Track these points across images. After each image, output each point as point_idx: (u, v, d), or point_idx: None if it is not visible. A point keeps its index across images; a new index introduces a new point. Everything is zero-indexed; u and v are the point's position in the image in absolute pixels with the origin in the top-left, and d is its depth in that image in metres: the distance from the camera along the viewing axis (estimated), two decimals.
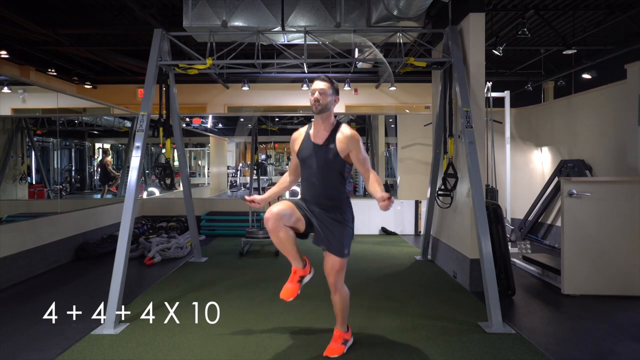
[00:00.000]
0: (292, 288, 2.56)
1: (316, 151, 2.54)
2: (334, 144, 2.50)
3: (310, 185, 2.59)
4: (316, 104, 2.49)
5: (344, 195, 2.63)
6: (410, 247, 6.07)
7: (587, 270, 3.81)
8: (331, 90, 2.53)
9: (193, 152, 13.04)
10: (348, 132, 2.51)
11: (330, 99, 2.52)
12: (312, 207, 2.59)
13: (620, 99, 4.81)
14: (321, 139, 2.54)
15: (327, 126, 2.55)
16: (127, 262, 3.37)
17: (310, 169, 2.57)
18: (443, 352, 2.72)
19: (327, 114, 2.53)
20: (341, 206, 2.60)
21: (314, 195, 2.59)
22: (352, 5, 4.41)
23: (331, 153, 2.50)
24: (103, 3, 5.67)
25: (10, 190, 6.96)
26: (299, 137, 2.66)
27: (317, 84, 2.52)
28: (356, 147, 2.49)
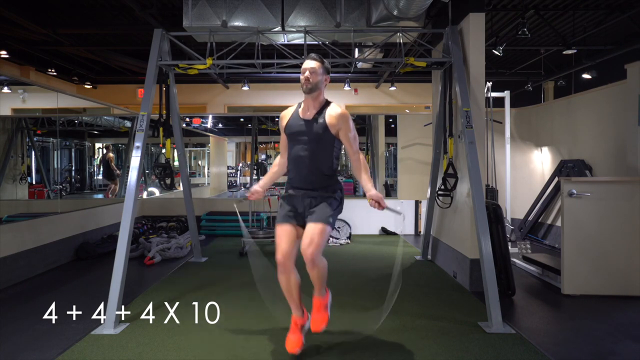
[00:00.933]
0: (296, 339, 2.57)
1: (304, 126, 2.50)
2: (323, 119, 2.48)
3: (298, 161, 2.52)
4: (306, 82, 2.46)
5: (332, 174, 2.56)
6: (410, 247, 6.07)
7: (587, 270, 3.81)
8: (322, 69, 2.50)
9: (193, 152, 13.04)
10: (338, 109, 2.50)
11: (321, 78, 2.50)
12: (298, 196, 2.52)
13: (620, 99, 4.81)
14: (310, 115, 2.52)
15: (316, 104, 2.53)
16: (127, 262, 3.37)
17: (298, 143, 2.52)
18: (443, 352, 2.72)
19: (317, 93, 2.50)
20: (330, 184, 2.54)
21: (300, 172, 2.52)
22: (352, 5, 4.41)
23: (320, 127, 2.47)
24: (103, 3, 5.67)
25: (10, 190, 6.96)
26: (287, 114, 2.63)
27: (307, 63, 2.50)
28: (346, 125, 2.47)
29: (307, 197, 2.53)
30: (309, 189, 2.52)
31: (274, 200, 6.20)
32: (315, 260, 2.42)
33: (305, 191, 2.53)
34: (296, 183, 2.56)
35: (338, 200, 2.58)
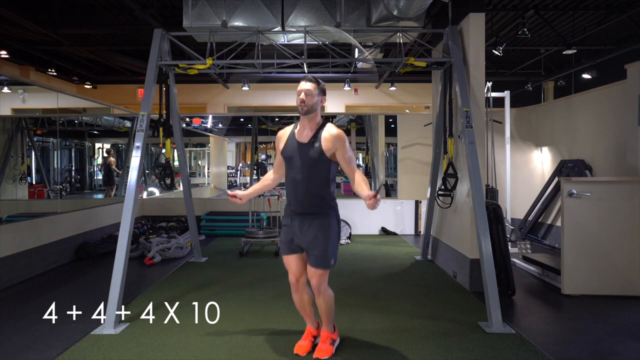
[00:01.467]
0: (306, 345, 2.73)
1: (300, 150, 2.51)
2: (319, 143, 2.48)
3: (294, 185, 2.54)
4: (302, 104, 2.47)
5: (328, 197, 2.57)
6: (410, 247, 6.07)
7: (587, 270, 3.81)
8: (317, 90, 2.51)
9: (193, 152, 13.04)
10: (334, 131, 2.50)
11: (317, 99, 2.51)
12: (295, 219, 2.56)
13: (620, 99, 4.81)
14: (306, 138, 2.52)
15: (312, 126, 2.53)
16: (127, 262, 3.37)
17: (294, 167, 2.53)
18: (443, 352, 2.72)
19: (313, 115, 2.52)
20: (325, 209, 2.55)
21: (297, 196, 2.54)
22: (352, 5, 4.41)
23: (316, 152, 2.47)
24: (103, 3, 5.67)
25: (10, 190, 6.96)
26: (283, 136, 2.64)
27: (303, 85, 2.51)
28: (342, 146, 2.48)
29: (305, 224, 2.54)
30: (305, 213, 2.54)
31: (273, 200, 6.21)
32: (321, 288, 2.59)
33: (302, 215, 2.55)
34: (294, 206, 2.58)
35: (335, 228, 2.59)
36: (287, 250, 2.63)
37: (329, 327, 2.74)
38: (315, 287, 2.59)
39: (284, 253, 2.66)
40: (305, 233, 2.52)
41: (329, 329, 2.74)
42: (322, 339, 2.72)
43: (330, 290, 2.66)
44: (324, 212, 2.54)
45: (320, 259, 2.51)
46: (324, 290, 2.60)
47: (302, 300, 2.70)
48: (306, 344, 2.73)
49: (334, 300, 2.69)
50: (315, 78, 2.55)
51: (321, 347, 2.68)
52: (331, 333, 2.75)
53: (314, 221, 2.52)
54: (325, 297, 2.61)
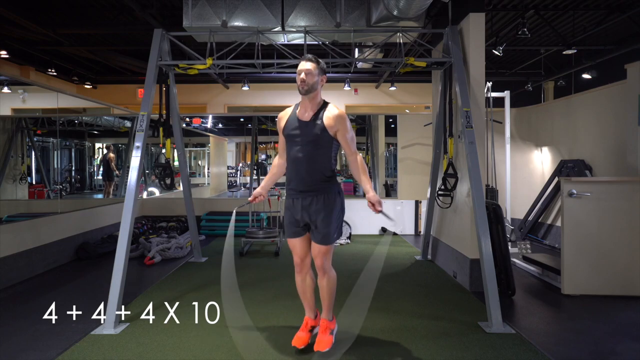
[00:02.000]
0: (304, 336, 2.72)
1: (302, 127, 2.53)
2: (321, 120, 2.51)
3: (296, 162, 2.55)
4: (302, 84, 2.49)
5: (330, 174, 2.58)
6: (410, 247, 6.07)
7: (587, 270, 3.81)
8: (317, 70, 2.52)
9: (193, 152, 13.04)
10: (335, 110, 2.53)
11: (317, 79, 2.52)
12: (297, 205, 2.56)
13: (620, 99, 4.81)
14: (308, 117, 2.54)
15: (313, 105, 2.55)
16: (127, 262, 3.37)
17: (296, 144, 2.55)
18: (443, 352, 2.72)
19: (314, 94, 2.53)
20: (328, 186, 2.56)
21: (298, 173, 2.55)
22: (352, 5, 4.41)
23: (318, 128, 2.50)
24: (103, 3, 5.67)
25: (11, 190, 6.96)
26: (285, 116, 2.66)
27: (303, 65, 2.52)
28: (343, 126, 2.51)
29: (307, 202, 2.55)
30: (308, 191, 2.55)
31: (273, 200, 6.20)
32: (326, 267, 2.61)
33: (304, 193, 2.55)
34: (295, 185, 2.58)
35: (339, 205, 2.61)
36: (291, 234, 2.65)
37: (328, 315, 2.72)
38: (319, 267, 2.60)
39: (288, 236, 2.68)
40: (308, 210, 2.54)
41: (328, 317, 2.72)
42: (322, 329, 2.70)
43: (334, 272, 2.68)
44: (326, 189, 2.56)
45: (323, 235, 2.54)
46: (328, 269, 2.62)
47: (305, 282, 2.71)
48: (304, 336, 2.72)
49: (336, 282, 2.70)
50: (315, 57, 2.56)
51: (321, 339, 2.66)
52: (330, 322, 2.73)
53: (317, 198, 2.54)
54: (329, 276, 2.64)
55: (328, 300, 2.69)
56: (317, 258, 2.59)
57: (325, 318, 2.73)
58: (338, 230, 2.63)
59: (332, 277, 2.67)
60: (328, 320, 2.74)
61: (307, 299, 2.75)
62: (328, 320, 2.74)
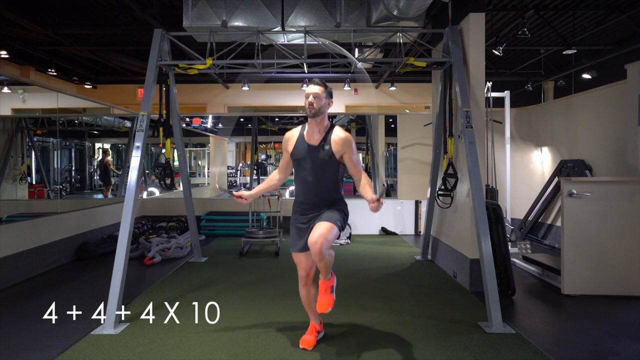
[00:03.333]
0: (310, 340, 2.78)
1: (311, 152, 2.59)
2: (329, 145, 2.57)
3: (304, 186, 2.63)
4: (310, 107, 2.55)
5: (338, 195, 2.69)
6: (410, 247, 6.07)
7: (587, 270, 3.81)
8: (325, 94, 2.59)
9: (193, 152, 13.04)
10: (342, 134, 2.59)
11: (324, 102, 2.58)
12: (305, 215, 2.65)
13: (620, 99, 4.81)
14: (316, 141, 2.60)
15: (321, 128, 2.61)
16: (127, 262, 3.37)
17: (305, 169, 2.62)
18: (443, 352, 2.72)
19: (321, 117, 2.59)
20: (335, 202, 2.66)
21: (307, 196, 2.64)
22: (352, 5, 4.41)
23: (326, 154, 2.57)
24: (103, 3, 5.66)
25: (10, 190, 6.96)
26: (292, 138, 2.70)
27: (311, 89, 2.59)
28: (350, 149, 2.58)
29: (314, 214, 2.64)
30: (314, 210, 2.64)
31: (273, 200, 6.21)
32: (324, 252, 2.44)
33: (311, 214, 2.64)
34: (303, 203, 2.67)
35: (343, 212, 2.68)
36: (297, 248, 2.70)
37: (326, 277, 2.59)
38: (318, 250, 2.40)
39: (294, 250, 2.72)
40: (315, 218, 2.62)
41: (326, 277, 2.59)
42: (322, 290, 2.57)
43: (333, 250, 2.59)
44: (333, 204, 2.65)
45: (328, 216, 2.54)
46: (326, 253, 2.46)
47: (309, 295, 2.76)
48: (311, 339, 2.79)
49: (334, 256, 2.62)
50: (322, 81, 2.62)
51: (322, 300, 2.55)
52: (329, 281, 2.61)
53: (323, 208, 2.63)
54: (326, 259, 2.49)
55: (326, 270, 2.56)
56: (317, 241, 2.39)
57: (323, 279, 2.59)
58: (341, 221, 2.58)
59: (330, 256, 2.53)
60: (327, 280, 2.59)
61: (311, 309, 2.81)
62: (327, 280, 2.59)
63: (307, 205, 2.66)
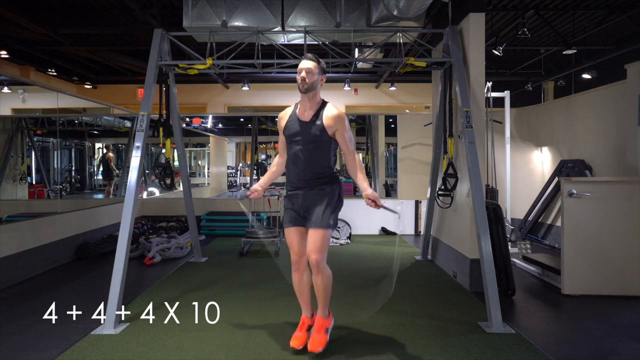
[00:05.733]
0: (301, 336, 2.70)
1: (303, 127, 2.58)
2: (321, 120, 2.56)
3: (296, 161, 2.61)
4: (303, 83, 2.54)
5: (330, 171, 2.65)
6: (411, 247, 6.07)
7: (587, 270, 3.81)
8: (317, 69, 2.58)
9: (193, 152, 13.04)
10: (335, 110, 2.59)
11: (317, 77, 2.57)
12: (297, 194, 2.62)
13: (620, 99, 4.81)
14: (308, 117, 2.60)
15: (313, 104, 2.60)
16: (127, 262, 3.37)
17: (296, 144, 2.60)
18: (443, 352, 2.72)
19: (313, 93, 2.58)
20: (327, 182, 2.62)
21: (298, 172, 2.61)
22: (352, 5, 4.41)
23: (318, 128, 2.55)
24: (103, 3, 5.67)
25: (10, 190, 6.96)
26: (285, 115, 2.70)
27: (304, 64, 2.57)
28: (342, 126, 2.57)
29: (306, 196, 2.61)
30: (307, 187, 2.61)
31: (273, 200, 6.21)
32: (320, 265, 2.56)
33: (304, 190, 2.61)
34: (295, 182, 2.64)
35: (336, 195, 2.65)
36: (289, 222, 2.66)
37: (324, 312, 2.70)
38: (314, 264, 2.56)
39: (286, 226, 2.69)
40: (306, 200, 2.60)
41: (323, 314, 2.70)
42: (316, 327, 2.67)
43: (329, 270, 2.67)
44: (325, 184, 2.62)
45: (320, 219, 2.54)
46: (322, 267, 2.59)
47: (302, 281, 2.71)
48: (302, 335, 2.71)
49: (331, 280, 2.68)
50: (315, 57, 2.60)
51: (315, 338, 2.62)
52: (325, 319, 2.71)
53: (315, 191, 2.60)
54: (323, 274, 2.61)
55: (323, 298, 2.67)
56: (312, 254, 2.55)
57: (320, 315, 2.71)
58: (333, 216, 2.61)
59: (326, 274, 2.64)
60: (324, 318, 2.71)
61: (303, 297, 2.76)
62: (324, 318, 2.71)
63: (298, 184, 2.61)
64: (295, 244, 2.67)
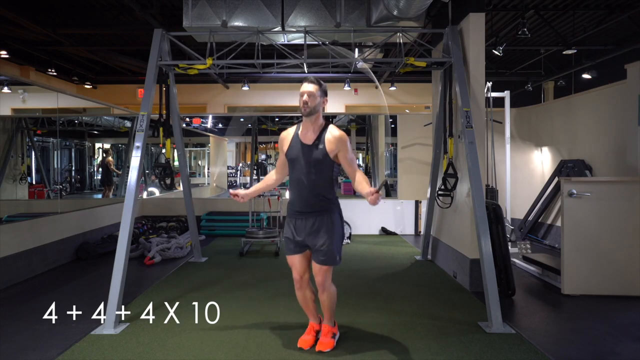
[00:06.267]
0: (309, 339, 2.80)
1: (305, 151, 2.57)
2: (323, 145, 2.55)
3: (298, 185, 2.61)
4: (305, 106, 2.53)
5: (332, 196, 2.66)
6: (410, 247, 6.07)
7: (587, 270, 3.81)
8: (319, 92, 2.57)
9: (193, 152, 13.04)
10: (337, 133, 2.57)
11: (319, 100, 2.57)
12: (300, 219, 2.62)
13: (620, 99, 4.81)
14: (310, 140, 2.58)
15: (315, 127, 2.60)
16: (127, 262, 3.37)
17: (299, 169, 2.60)
18: (443, 352, 2.72)
19: (315, 116, 2.58)
20: (329, 207, 2.63)
21: (301, 195, 2.61)
22: (352, 5, 4.41)
23: (320, 153, 2.54)
24: (103, 3, 5.67)
25: (10, 190, 6.96)
26: (287, 137, 2.69)
27: (305, 87, 2.56)
28: (344, 148, 2.56)
29: (310, 222, 2.61)
30: (310, 212, 2.61)
31: (273, 200, 6.21)
32: (326, 284, 2.67)
33: (307, 214, 2.61)
34: (299, 206, 2.64)
35: (338, 225, 2.67)
36: (291, 251, 2.71)
37: (330, 322, 2.83)
38: (320, 284, 2.67)
39: (288, 253, 2.73)
40: (310, 231, 2.60)
41: (330, 323, 2.83)
42: (324, 333, 2.80)
43: (334, 287, 2.76)
44: (327, 210, 2.62)
45: (326, 255, 2.59)
46: (328, 286, 2.70)
47: (305, 297, 2.78)
48: (309, 339, 2.81)
49: (336, 296, 2.79)
50: (317, 79, 2.60)
51: (323, 341, 2.76)
52: (332, 327, 2.84)
53: (318, 219, 2.60)
54: (329, 292, 2.71)
55: (329, 311, 2.79)
56: (318, 275, 2.65)
57: (327, 324, 2.83)
58: (339, 250, 2.67)
59: (332, 292, 2.74)
60: (330, 326, 2.84)
61: (309, 309, 2.84)
62: (330, 326, 2.84)
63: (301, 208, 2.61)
64: (297, 265, 2.72)
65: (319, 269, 2.63)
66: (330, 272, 2.68)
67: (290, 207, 2.70)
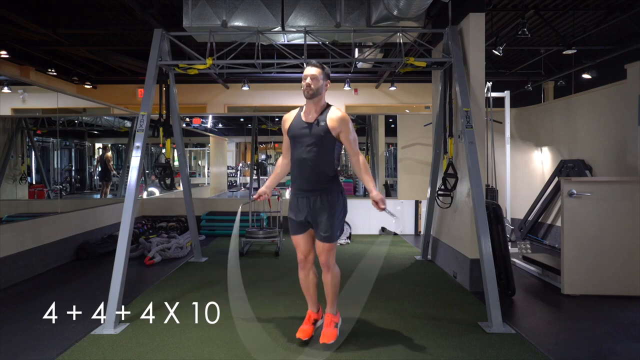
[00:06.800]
0: (307, 329, 2.84)
1: (307, 128, 2.63)
2: (325, 122, 2.61)
3: (300, 163, 2.65)
4: (308, 89, 2.59)
5: (333, 174, 2.70)
6: (410, 247, 6.07)
7: (587, 270, 3.81)
8: (322, 75, 2.63)
9: (193, 152, 13.04)
10: (339, 112, 2.63)
11: (322, 83, 2.62)
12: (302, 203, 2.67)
13: (620, 99, 4.81)
14: (312, 118, 2.65)
15: (318, 108, 2.66)
16: (127, 262, 3.37)
17: (301, 145, 2.65)
18: (443, 352, 2.72)
19: (318, 98, 2.63)
20: (330, 186, 2.67)
21: (302, 173, 2.65)
22: (352, 5, 4.41)
23: (322, 130, 2.60)
24: (103, 3, 5.67)
25: (10, 190, 6.96)
26: (289, 118, 2.75)
27: (308, 70, 2.62)
28: (346, 128, 2.61)
29: (311, 201, 2.66)
30: (312, 190, 2.65)
31: (273, 200, 6.21)
32: (330, 263, 2.73)
33: (308, 192, 2.66)
34: (299, 184, 2.69)
35: (341, 204, 2.74)
36: (295, 230, 2.77)
37: (332, 309, 2.84)
38: (324, 264, 2.73)
39: (292, 233, 2.79)
40: (312, 209, 2.66)
41: (332, 311, 2.84)
42: (326, 323, 2.82)
43: (338, 268, 2.80)
44: (329, 189, 2.67)
45: (327, 232, 2.64)
46: (332, 265, 2.75)
47: (308, 278, 2.83)
48: (308, 328, 2.83)
49: (340, 278, 2.83)
50: (320, 63, 2.67)
51: (326, 332, 2.77)
52: (334, 316, 2.85)
53: (320, 197, 2.65)
54: (333, 273, 2.77)
55: (332, 295, 2.80)
56: (322, 255, 2.71)
57: (329, 312, 2.85)
58: (340, 228, 2.74)
59: (336, 273, 2.79)
60: (332, 315, 2.85)
61: (310, 294, 2.88)
62: (332, 315, 2.85)
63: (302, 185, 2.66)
64: (302, 245, 2.78)
65: (322, 247, 2.68)
66: (334, 251, 2.74)
67: (292, 186, 2.76)
